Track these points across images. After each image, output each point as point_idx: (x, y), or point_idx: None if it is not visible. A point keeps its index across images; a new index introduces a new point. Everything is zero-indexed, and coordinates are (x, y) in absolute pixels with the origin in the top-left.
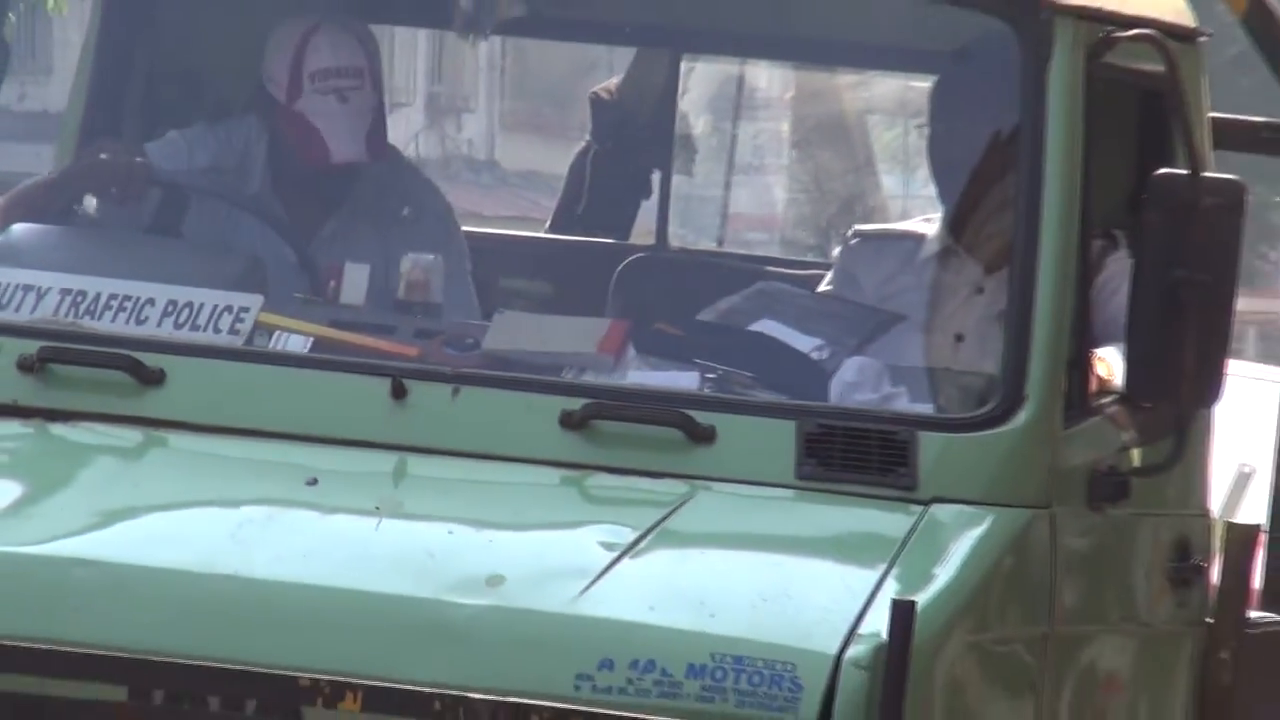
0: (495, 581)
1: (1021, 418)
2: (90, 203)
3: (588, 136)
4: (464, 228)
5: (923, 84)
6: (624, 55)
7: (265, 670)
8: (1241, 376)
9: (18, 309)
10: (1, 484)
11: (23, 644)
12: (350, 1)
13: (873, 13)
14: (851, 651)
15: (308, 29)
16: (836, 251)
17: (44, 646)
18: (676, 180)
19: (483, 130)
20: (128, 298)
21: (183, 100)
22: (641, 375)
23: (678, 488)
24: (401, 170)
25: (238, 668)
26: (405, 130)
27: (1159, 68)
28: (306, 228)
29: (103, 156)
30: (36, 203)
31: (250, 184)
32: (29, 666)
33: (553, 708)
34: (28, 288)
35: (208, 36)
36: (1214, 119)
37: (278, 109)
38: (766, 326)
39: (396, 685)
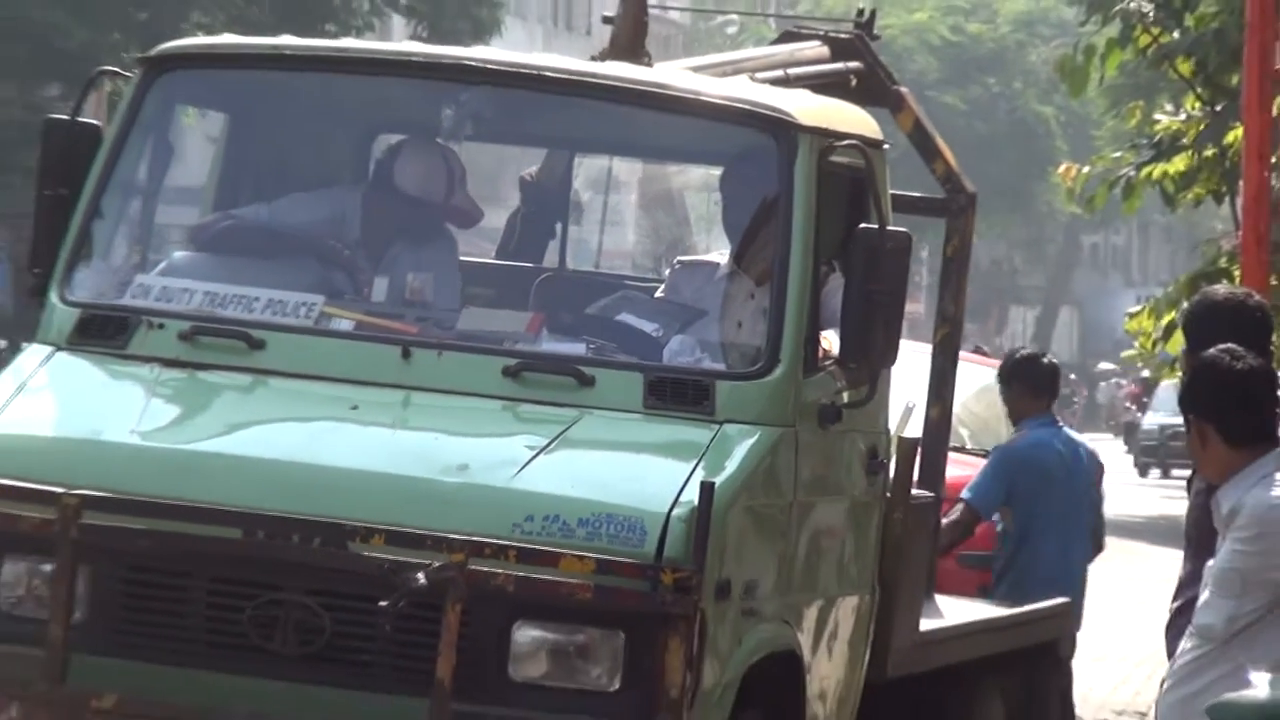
0: (463, 468)
1: (777, 372)
2: (220, 240)
3: (518, 202)
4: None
5: (717, 170)
6: (538, 154)
7: (326, 520)
8: (905, 350)
9: (179, 303)
10: (168, 408)
11: (180, 503)
12: (366, 116)
13: (691, 133)
14: (676, 511)
15: (397, 151)
16: (667, 273)
17: (193, 504)
18: (572, 228)
19: None
20: (242, 296)
21: (274, 177)
22: (551, 345)
23: (572, 413)
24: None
25: (308, 517)
26: None
27: (861, 163)
28: (355, 256)
29: (229, 213)
30: (189, 240)
31: (318, 228)
32: (186, 516)
33: (495, 543)
34: (186, 290)
35: (293, 137)
36: (893, 194)
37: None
38: (625, 318)
39: (404, 530)
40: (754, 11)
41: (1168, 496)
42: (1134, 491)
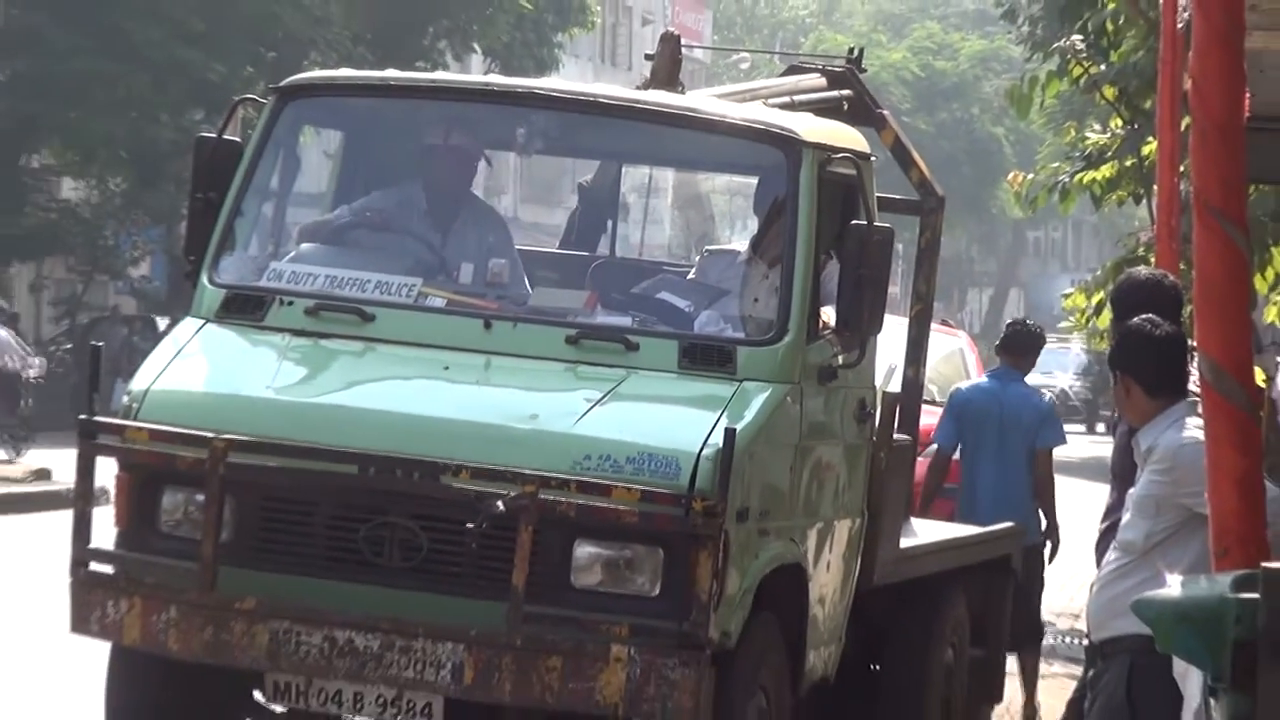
0: (534, 416)
1: (786, 340)
2: (337, 234)
3: (577, 203)
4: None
5: (737, 178)
6: (592, 165)
7: (424, 458)
8: (888, 322)
9: (305, 285)
10: (296, 369)
11: (307, 445)
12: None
13: (716, 148)
14: (705, 452)
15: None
16: (697, 260)
17: (317, 446)
18: (620, 225)
19: (512, 201)
20: (356, 279)
21: (380, 183)
22: (603, 318)
23: (621, 373)
24: (488, 215)
25: (410, 456)
26: None
27: (853, 172)
28: (445, 242)
29: (345, 210)
30: (313, 234)
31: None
32: (312, 456)
33: (560, 477)
34: (310, 274)
35: (395, 151)
36: (879, 197)
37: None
38: (663, 296)
39: (486, 466)
40: (763, 50)
41: (1094, 442)
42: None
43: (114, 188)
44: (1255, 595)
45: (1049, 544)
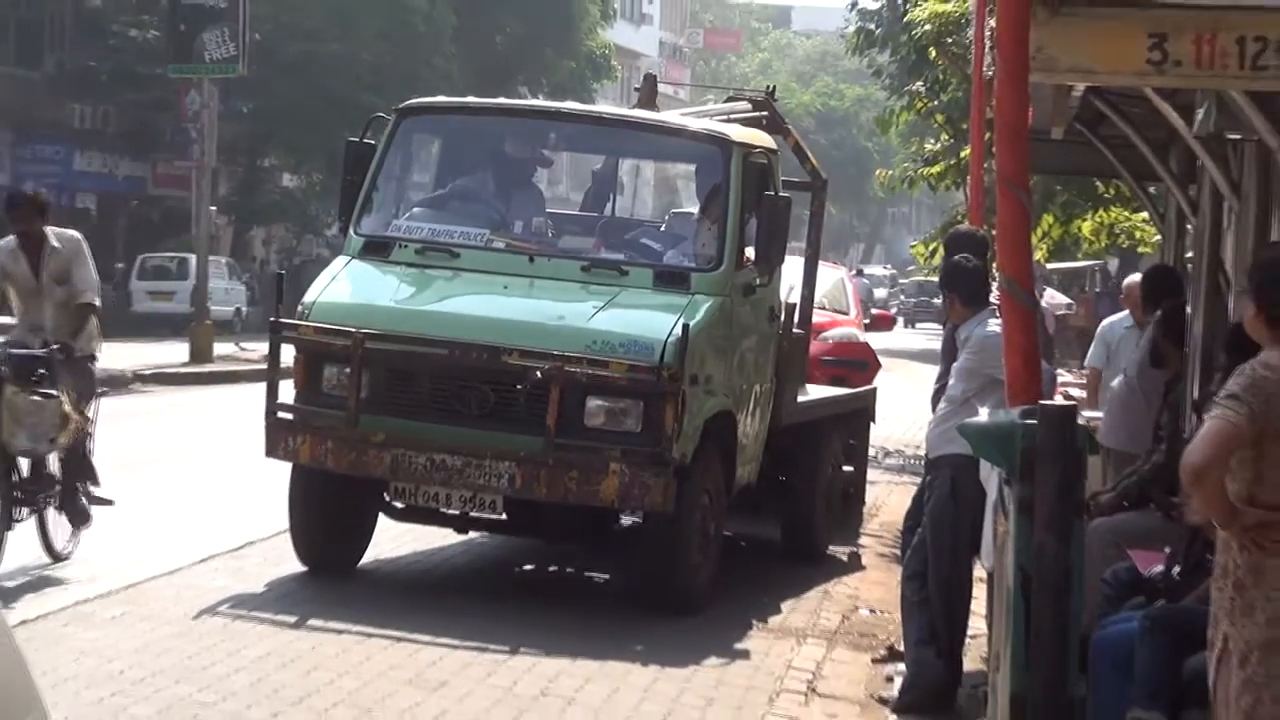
0: (561, 317)
1: (722, 268)
2: (436, 203)
3: (590, 183)
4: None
5: (693, 166)
6: (598, 159)
7: (490, 344)
8: (790, 260)
9: (416, 234)
10: (409, 287)
11: (415, 335)
12: (515, 137)
13: (680, 147)
14: (670, 339)
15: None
16: (666, 218)
17: (422, 336)
18: (618, 197)
19: (565, 188)
20: (449, 230)
21: (467, 172)
22: (606, 254)
23: (616, 290)
24: (532, 190)
25: (481, 342)
26: None
27: (766, 162)
28: (507, 208)
29: (445, 188)
30: (421, 202)
31: (491, 193)
32: (418, 343)
33: (577, 356)
34: (419, 227)
35: (479, 151)
36: (783, 179)
37: (495, 171)
38: (644, 240)
39: (530, 349)
40: (714, 85)
41: (924, 336)
42: (907, 334)
43: (315, 179)
44: (1034, 421)
45: None
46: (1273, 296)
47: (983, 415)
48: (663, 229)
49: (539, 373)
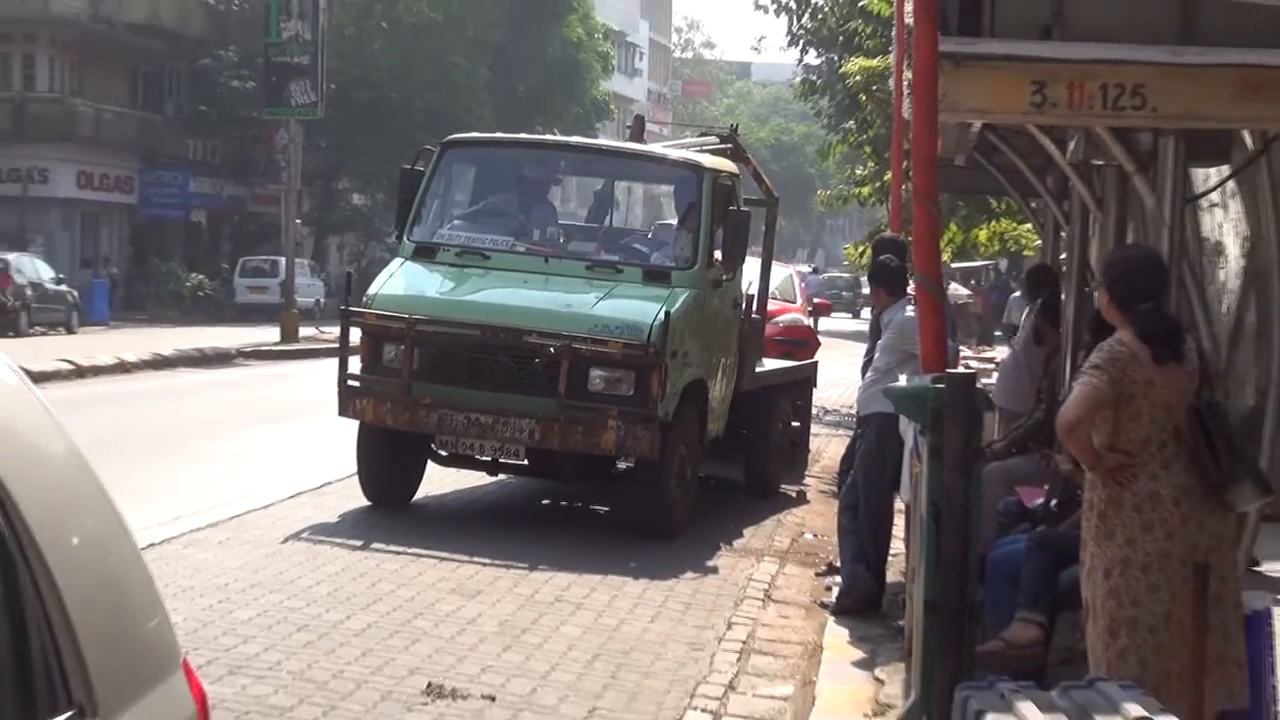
0: (569, 305)
1: (696, 267)
2: (472, 217)
3: (593, 200)
4: (564, 222)
5: (673, 187)
6: (599, 181)
7: (514, 326)
8: (750, 261)
9: (456, 241)
10: (449, 283)
11: (455, 319)
12: (534, 166)
13: (663, 172)
14: (655, 323)
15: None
16: (652, 228)
17: (460, 319)
18: (615, 211)
19: (575, 205)
20: (482, 238)
21: (496, 192)
22: (605, 256)
23: (613, 284)
24: (548, 207)
25: (506, 325)
26: None
27: (730, 184)
28: (527, 220)
29: (480, 205)
30: (460, 217)
31: (515, 208)
32: (457, 325)
33: (583, 336)
34: (458, 235)
35: (506, 176)
36: (746, 197)
37: (519, 192)
38: (635, 245)
39: (545, 330)
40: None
41: (861, 321)
42: (848, 321)
43: (378, 199)
44: (942, 386)
45: None
46: (1119, 287)
47: (902, 381)
48: (650, 236)
49: (552, 349)
